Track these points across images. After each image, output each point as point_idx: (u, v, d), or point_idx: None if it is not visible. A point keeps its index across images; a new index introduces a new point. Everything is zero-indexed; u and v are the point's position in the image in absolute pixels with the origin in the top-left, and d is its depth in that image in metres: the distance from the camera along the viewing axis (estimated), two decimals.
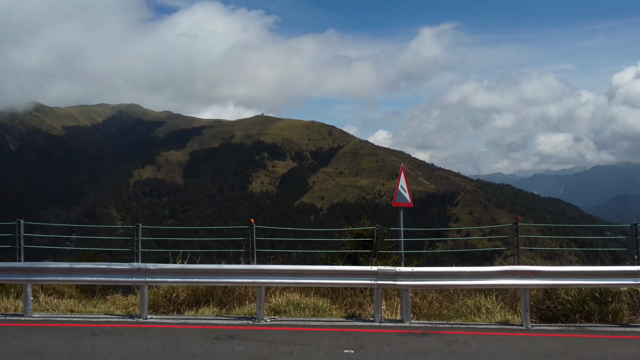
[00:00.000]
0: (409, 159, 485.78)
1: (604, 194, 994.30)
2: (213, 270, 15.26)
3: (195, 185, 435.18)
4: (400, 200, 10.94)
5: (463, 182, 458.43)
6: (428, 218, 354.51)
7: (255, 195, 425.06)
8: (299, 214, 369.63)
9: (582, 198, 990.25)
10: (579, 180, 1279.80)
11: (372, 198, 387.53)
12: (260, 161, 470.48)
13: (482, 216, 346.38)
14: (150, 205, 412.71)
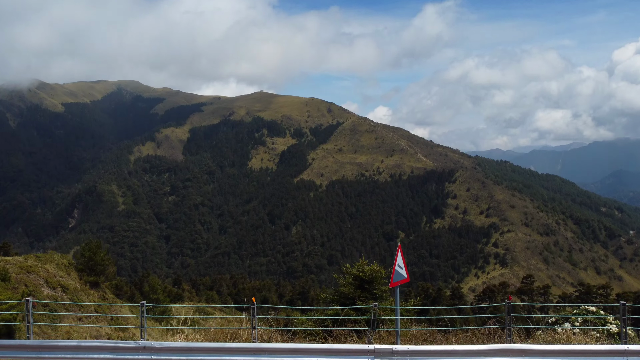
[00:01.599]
0: (408, 135, 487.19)
1: (601, 170, 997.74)
2: (217, 349, 15.36)
3: (195, 162, 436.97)
4: (398, 279, 10.95)
5: (461, 158, 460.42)
6: (426, 195, 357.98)
7: (255, 172, 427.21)
8: (298, 190, 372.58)
9: (580, 174, 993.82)
10: (577, 156, 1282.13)
11: (371, 175, 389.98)
12: (260, 138, 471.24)
13: (480, 193, 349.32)
14: (150, 182, 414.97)
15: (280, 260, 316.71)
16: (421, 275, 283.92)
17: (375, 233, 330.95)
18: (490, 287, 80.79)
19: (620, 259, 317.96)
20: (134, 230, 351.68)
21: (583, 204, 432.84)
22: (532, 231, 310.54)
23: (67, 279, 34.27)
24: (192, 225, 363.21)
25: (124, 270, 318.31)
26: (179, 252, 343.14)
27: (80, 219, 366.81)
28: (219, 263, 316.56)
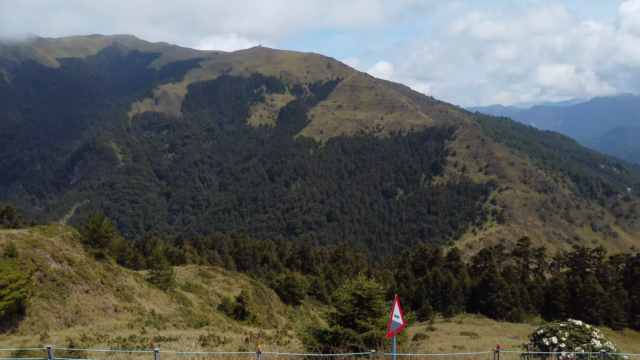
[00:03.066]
0: (409, 91, 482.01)
1: (602, 125, 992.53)
2: None
3: (194, 118, 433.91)
4: (395, 328, 10.67)
5: (462, 115, 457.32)
6: (425, 152, 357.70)
7: (254, 129, 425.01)
8: (297, 147, 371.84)
9: (580, 130, 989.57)
10: (578, 112, 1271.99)
11: (370, 132, 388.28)
12: (259, 94, 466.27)
13: (479, 150, 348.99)
14: (149, 138, 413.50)
15: (280, 217, 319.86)
16: (419, 232, 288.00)
17: (374, 190, 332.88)
18: (487, 249, 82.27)
19: (616, 216, 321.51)
20: (135, 187, 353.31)
21: (582, 161, 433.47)
22: (530, 188, 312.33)
23: (73, 251, 35.03)
24: (192, 182, 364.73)
25: (125, 227, 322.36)
26: (179, 208, 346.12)
27: (80, 176, 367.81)
28: (220, 220, 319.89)
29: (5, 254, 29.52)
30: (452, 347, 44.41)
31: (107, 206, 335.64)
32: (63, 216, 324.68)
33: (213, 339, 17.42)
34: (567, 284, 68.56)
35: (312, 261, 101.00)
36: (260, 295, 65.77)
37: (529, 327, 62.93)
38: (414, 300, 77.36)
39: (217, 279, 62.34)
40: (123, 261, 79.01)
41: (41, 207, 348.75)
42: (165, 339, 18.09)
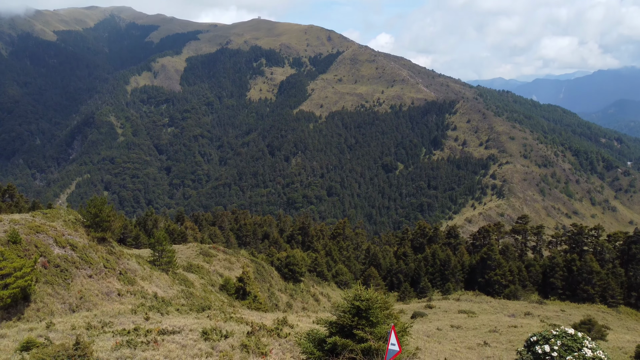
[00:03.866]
0: (410, 65, 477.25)
1: (604, 99, 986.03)
2: None
3: (194, 92, 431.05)
4: (391, 355, 10.45)
5: (463, 89, 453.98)
6: (426, 126, 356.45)
7: (254, 103, 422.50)
8: (297, 122, 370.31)
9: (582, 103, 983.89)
10: (580, 85, 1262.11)
11: (371, 106, 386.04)
12: (258, 68, 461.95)
13: (480, 124, 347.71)
14: (149, 113, 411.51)
15: (280, 191, 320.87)
16: (419, 207, 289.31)
17: (374, 165, 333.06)
18: (486, 227, 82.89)
19: (615, 190, 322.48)
20: (135, 161, 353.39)
21: (583, 135, 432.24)
22: (531, 163, 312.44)
23: (75, 236, 35.39)
24: (192, 156, 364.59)
25: (126, 202, 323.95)
26: (180, 183, 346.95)
27: (80, 151, 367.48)
28: (220, 194, 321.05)
29: (9, 240, 29.87)
30: (449, 326, 45.27)
31: (108, 181, 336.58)
32: (64, 191, 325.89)
33: (215, 332, 17.83)
34: (564, 262, 69.35)
35: (313, 238, 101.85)
36: (261, 273, 66.61)
37: (525, 305, 63.97)
38: (412, 277, 78.36)
39: (218, 258, 63.03)
40: (125, 239, 79.73)
41: (42, 182, 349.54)
42: (169, 331, 18.52)
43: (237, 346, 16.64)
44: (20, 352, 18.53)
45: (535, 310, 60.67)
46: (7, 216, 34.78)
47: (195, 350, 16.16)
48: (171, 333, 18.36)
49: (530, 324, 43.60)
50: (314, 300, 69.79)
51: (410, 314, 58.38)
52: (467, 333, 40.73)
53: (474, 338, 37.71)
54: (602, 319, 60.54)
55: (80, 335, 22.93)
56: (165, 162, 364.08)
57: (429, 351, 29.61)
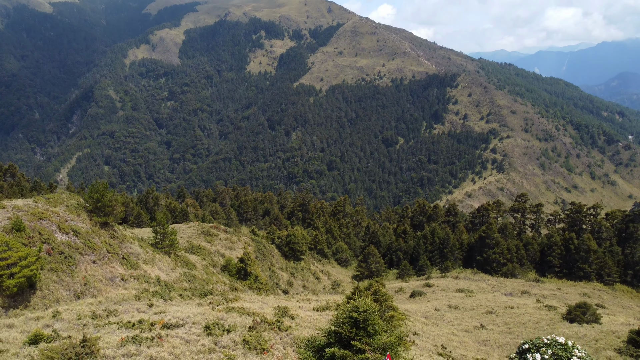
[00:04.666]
0: (411, 37, 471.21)
1: (607, 71, 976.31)
2: None
3: (192, 66, 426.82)
4: None
5: (464, 61, 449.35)
6: (427, 100, 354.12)
7: (254, 76, 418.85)
8: (297, 96, 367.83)
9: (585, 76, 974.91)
10: (583, 57, 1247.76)
11: (371, 79, 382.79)
12: (258, 40, 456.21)
13: (482, 98, 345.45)
14: (148, 86, 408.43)
15: (280, 165, 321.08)
16: (419, 181, 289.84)
17: (374, 139, 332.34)
18: (485, 205, 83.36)
19: (616, 164, 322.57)
20: (135, 136, 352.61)
21: (585, 108, 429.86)
22: (531, 137, 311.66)
23: (78, 221, 35.77)
24: (192, 131, 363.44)
25: (127, 176, 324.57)
26: (180, 157, 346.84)
27: (79, 125, 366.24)
28: (221, 168, 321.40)
29: (13, 228, 30.24)
30: (447, 306, 46.09)
31: (108, 155, 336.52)
32: (64, 165, 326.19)
33: (218, 327, 18.31)
34: (562, 240, 70.03)
35: (313, 215, 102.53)
36: (262, 252, 67.40)
37: (522, 283, 64.93)
38: (412, 255, 79.24)
39: (219, 238, 63.64)
40: (127, 218, 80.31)
41: (42, 157, 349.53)
42: (172, 325, 19.01)
43: (239, 341, 17.12)
44: (29, 345, 19.07)
45: (532, 288, 61.61)
46: (9, 202, 35.09)
47: (198, 347, 16.64)
48: (175, 327, 18.84)
49: (527, 305, 44.37)
50: (314, 278, 70.77)
51: (409, 293, 59.36)
52: (464, 314, 41.52)
53: (470, 320, 38.48)
54: (597, 297, 61.54)
55: (86, 325, 23.56)
56: (165, 137, 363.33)
57: (426, 335, 30.31)
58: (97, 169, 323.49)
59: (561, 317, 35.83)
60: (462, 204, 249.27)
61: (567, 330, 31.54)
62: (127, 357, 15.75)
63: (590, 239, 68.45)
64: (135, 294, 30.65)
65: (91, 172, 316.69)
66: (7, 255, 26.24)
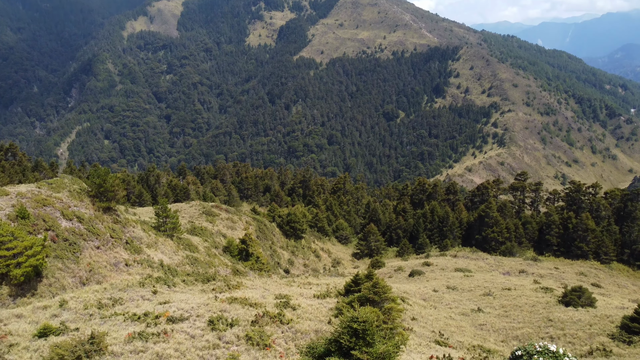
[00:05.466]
0: (413, 9, 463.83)
1: (611, 43, 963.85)
2: None
3: (191, 38, 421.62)
4: None
5: (467, 34, 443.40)
6: (428, 73, 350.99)
7: (253, 49, 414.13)
8: (298, 69, 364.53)
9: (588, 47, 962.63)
10: (587, 29, 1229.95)
11: (372, 52, 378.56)
12: (257, 12, 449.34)
13: (483, 71, 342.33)
14: (146, 59, 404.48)
15: (281, 140, 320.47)
16: (419, 155, 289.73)
17: (375, 113, 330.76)
18: (484, 184, 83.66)
19: (617, 138, 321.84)
20: (134, 109, 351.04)
21: (587, 81, 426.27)
22: (533, 111, 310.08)
23: (81, 206, 36.17)
24: (192, 104, 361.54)
25: (127, 150, 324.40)
26: (180, 131, 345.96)
27: (78, 99, 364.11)
28: (221, 143, 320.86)
29: (17, 215, 30.63)
30: (445, 287, 46.88)
31: (108, 129, 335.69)
32: (64, 139, 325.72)
33: (221, 321, 18.82)
34: (560, 219, 70.63)
35: (314, 193, 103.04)
36: (263, 231, 68.07)
37: (520, 262, 65.77)
38: (411, 233, 80.00)
39: (221, 217, 64.21)
40: (129, 196, 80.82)
41: (42, 131, 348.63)
42: (177, 318, 19.53)
43: (242, 336, 17.65)
44: (38, 338, 19.64)
45: (529, 267, 62.46)
46: (13, 188, 35.44)
47: (203, 342, 17.18)
48: (179, 320, 19.36)
49: (524, 286, 45.14)
50: (315, 256, 71.65)
51: (409, 272, 60.21)
52: (462, 296, 42.29)
53: (468, 302, 39.24)
54: (594, 275, 62.44)
55: (93, 315, 24.14)
56: (165, 110, 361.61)
57: (424, 320, 31.02)
58: (97, 144, 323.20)
59: (557, 300, 36.54)
60: (462, 178, 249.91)
61: (563, 314, 32.24)
62: (134, 353, 16.29)
63: (589, 218, 69.03)
64: (140, 280, 31.24)
65: (91, 146, 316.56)
66: (13, 245, 26.72)
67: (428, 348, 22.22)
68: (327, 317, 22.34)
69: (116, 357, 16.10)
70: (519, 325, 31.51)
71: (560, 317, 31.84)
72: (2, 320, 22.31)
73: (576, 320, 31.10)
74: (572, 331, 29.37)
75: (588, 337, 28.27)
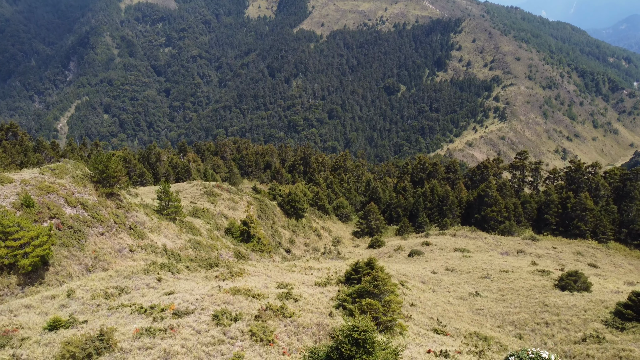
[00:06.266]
0: None
1: (616, 14, 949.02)
2: None
3: (190, 10, 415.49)
4: None
5: (469, 5, 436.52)
6: (430, 46, 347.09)
7: (253, 21, 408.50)
8: (298, 42, 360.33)
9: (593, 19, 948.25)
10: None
11: (373, 25, 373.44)
12: None
13: (486, 44, 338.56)
14: (144, 32, 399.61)
15: (281, 114, 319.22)
16: (420, 129, 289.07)
17: (376, 86, 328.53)
18: (484, 162, 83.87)
19: (619, 112, 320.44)
20: (133, 83, 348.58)
21: (591, 54, 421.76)
22: (535, 84, 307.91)
23: (84, 193, 36.55)
24: (191, 78, 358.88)
25: (127, 124, 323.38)
26: (180, 105, 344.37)
27: (77, 72, 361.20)
28: (221, 117, 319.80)
29: (22, 204, 31.06)
30: (444, 269, 47.65)
31: (107, 103, 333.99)
32: (64, 114, 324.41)
33: (226, 316, 19.41)
34: (559, 199, 71.14)
35: (314, 170, 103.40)
36: (264, 211, 68.68)
37: (518, 242, 66.55)
38: (411, 212, 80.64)
39: (222, 198, 64.72)
40: (130, 175, 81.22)
41: (41, 105, 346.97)
42: (182, 312, 20.11)
43: (247, 332, 18.26)
44: (48, 331, 20.25)
45: (527, 247, 63.26)
46: (17, 175, 35.75)
47: (208, 338, 17.77)
48: (184, 314, 19.95)
49: (521, 268, 45.89)
50: (315, 235, 72.44)
51: (408, 252, 61.03)
52: (461, 278, 43.05)
53: (466, 285, 40.00)
54: (591, 255, 63.31)
55: (100, 306, 24.78)
56: (164, 84, 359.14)
57: (423, 305, 31.76)
58: (97, 118, 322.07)
59: (553, 284, 37.25)
60: (462, 153, 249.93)
61: (558, 299, 32.96)
62: (142, 350, 16.88)
63: (588, 197, 69.52)
64: (144, 267, 31.82)
65: (91, 120, 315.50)
66: (19, 235, 27.18)
67: (426, 338, 22.89)
68: (329, 308, 22.95)
69: (125, 354, 16.70)
70: (516, 310, 32.26)
71: (555, 302, 32.57)
72: (13, 312, 22.95)
73: (571, 305, 31.83)
74: (567, 317, 30.09)
75: (582, 324, 29.00)
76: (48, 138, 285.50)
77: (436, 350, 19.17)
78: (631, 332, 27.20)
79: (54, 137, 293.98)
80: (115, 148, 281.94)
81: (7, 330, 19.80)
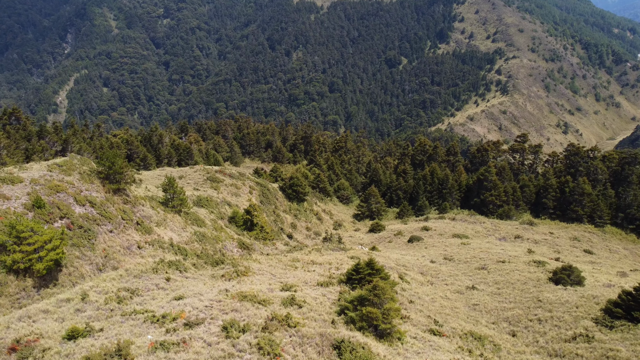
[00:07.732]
0: None
1: None
2: None
3: None
4: None
5: None
6: (432, 17, 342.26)
7: None
8: (298, 13, 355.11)
9: None
10: None
11: None
12: None
13: (489, 15, 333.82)
14: (142, 3, 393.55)
15: (281, 87, 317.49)
16: (421, 103, 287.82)
17: (377, 59, 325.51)
18: (484, 146, 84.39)
19: (622, 85, 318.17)
20: (132, 56, 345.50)
21: (595, 25, 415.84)
22: (538, 57, 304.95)
23: (92, 190, 37.47)
24: (191, 50, 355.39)
25: (127, 98, 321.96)
26: (179, 79, 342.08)
27: (74, 45, 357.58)
28: (221, 90, 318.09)
29: (33, 205, 32.01)
30: (442, 258, 48.95)
31: (106, 77, 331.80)
32: (62, 87, 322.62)
33: (234, 328, 20.59)
34: (557, 183, 72.03)
35: (315, 151, 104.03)
36: (266, 196, 69.74)
37: (516, 227, 67.78)
38: (411, 195, 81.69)
39: (225, 184, 65.71)
40: (133, 158, 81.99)
41: (39, 78, 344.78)
42: (193, 322, 21.29)
43: (254, 344, 19.46)
44: (67, 340, 21.47)
45: (525, 232, 64.51)
46: (27, 174, 36.59)
47: (219, 352, 18.98)
48: (195, 324, 21.14)
49: (518, 257, 47.14)
50: (317, 219, 73.69)
51: (408, 237, 62.34)
52: (458, 269, 44.35)
53: (464, 277, 41.30)
54: (587, 240, 64.59)
55: (113, 311, 26.01)
56: (163, 57, 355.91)
57: (421, 301, 33.06)
58: (96, 91, 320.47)
59: (547, 277, 38.52)
60: (464, 127, 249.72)
61: (552, 294, 34.24)
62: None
63: (586, 182, 70.41)
64: (153, 265, 33.02)
65: (90, 94, 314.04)
66: (33, 240, 28.21)
67: (423, 342, 24.15)
68: (331, 315, 24.14)
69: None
70: (510, 306, 33.55)
71: (549, 298, 33.84)
72: (31, 317, 24.16)
73: (564, 301, 33.08)
74: (559, 313, 31.37)
75: (573, 321, 30.27)
76: (48, 112, 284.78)
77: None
78: (619, 330, 28.47)
79: (54, 112, 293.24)
80: (115, 122, 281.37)
81: (29, 341, 21.02)
